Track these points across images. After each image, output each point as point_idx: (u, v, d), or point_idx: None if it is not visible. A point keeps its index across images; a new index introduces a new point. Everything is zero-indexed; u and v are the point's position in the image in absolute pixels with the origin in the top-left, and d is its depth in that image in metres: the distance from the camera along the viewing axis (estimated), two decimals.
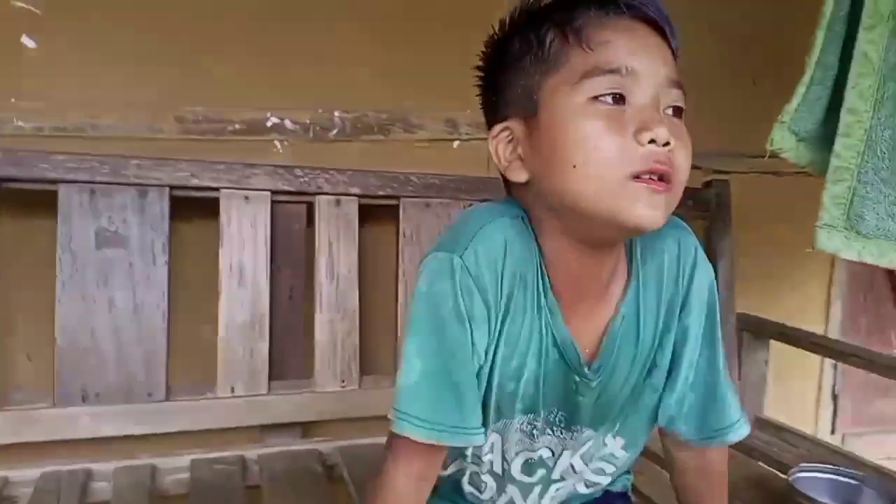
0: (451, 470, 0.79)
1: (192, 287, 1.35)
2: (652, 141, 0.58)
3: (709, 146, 1.58)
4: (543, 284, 0.67)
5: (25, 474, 1.18)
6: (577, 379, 0.70)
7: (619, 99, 0.60)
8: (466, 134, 1.60)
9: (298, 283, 1.42)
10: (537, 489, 0.77)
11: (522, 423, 0.72)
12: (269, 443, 1.35)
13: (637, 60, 0.60)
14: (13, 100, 1.30)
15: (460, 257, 0.64)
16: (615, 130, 0.59)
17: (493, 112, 0.68)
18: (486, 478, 0.77)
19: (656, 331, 0.71)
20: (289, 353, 1.39)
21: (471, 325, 0.65)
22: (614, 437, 0.76)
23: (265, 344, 1.32)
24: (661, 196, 0.60)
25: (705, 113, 1.67)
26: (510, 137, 0.66)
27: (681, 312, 0.72)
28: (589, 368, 0.70)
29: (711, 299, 0.74)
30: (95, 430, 1.20)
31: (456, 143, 1.60)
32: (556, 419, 0.72)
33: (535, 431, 0.73)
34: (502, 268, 0.65)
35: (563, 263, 0.67)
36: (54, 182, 1.19)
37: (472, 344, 0.66)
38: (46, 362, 1.22)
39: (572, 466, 0.76)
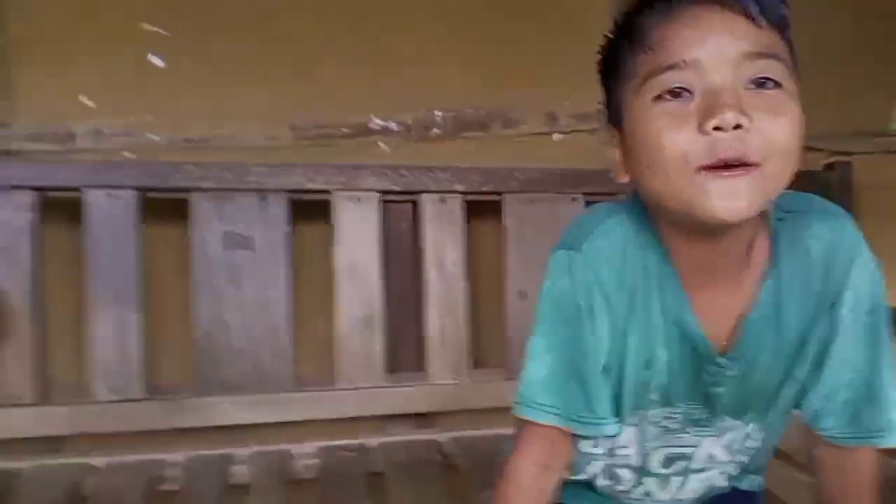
0: (583, 476, 0.80)
1: (312, 285, 1.42)
2: (718, 128, 0.57)
3: (830, 126, 1.53)
4: (668, 276, 0.68)
5: (176, 457, 1.29)
6: (711, 369, 0.70)
7: (683, 93, 0.59)
8: (567, 126, 1.60)
9: (408, 280, 1.47)
10: (676, 481, 0.78)
11: (660, 416, 0.73)
12: (388, 432, 1.42)
13: (698, 49, 0.58)
14: (147, 115, 1.42)
15: (579, 253, 0.66)
16: (678, 126, 0.58)
17: (606, 118, 0.70)
18: (623, 471, 0.78)
19: (802, 322, 0.70)
20: (402, 348, 1.45)
21: (592, 320, 0.67)
22: (756, 427, 0.75)
23: (380, 338, 1.38)
24: (740, 181, 0.57)
25: (827, 90, 1.62)
26: (615, 142, 0.68)
27: (833, 305, 0.71)
28: (724, 358, 0.70)
29: (874, 293, 0.70)
30: (233, 417, 1.30)
31: (556, 136, 1.61)
32: (695, 411, 0.73)
33: (673, 424, 0.73)
34: (622, 261, 0.67)
35: (683, 254, 0.67)
36: (186, 190, 1.29)
37: (596, 338, 0.67)
38: (189, 356, 1.32)
39: (713, 456, 0.76)
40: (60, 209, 1.30)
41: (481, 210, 1.50)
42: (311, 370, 1.40)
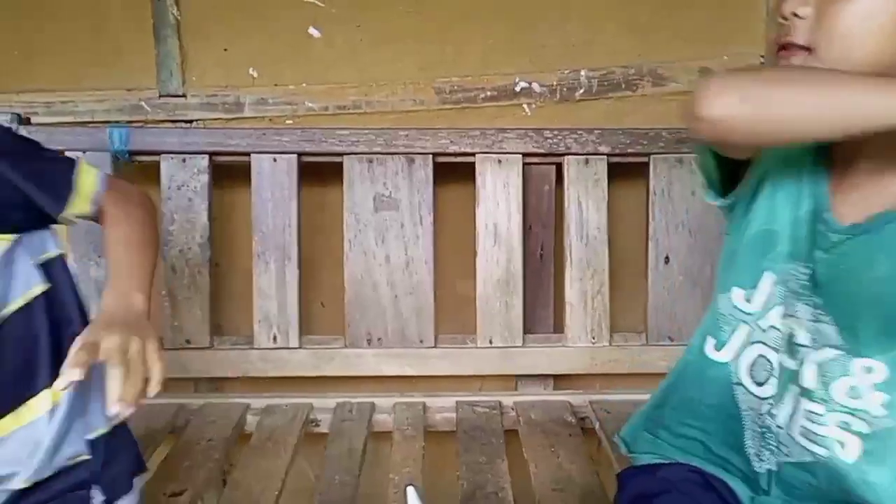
0: (728, 356, 0.79)
1: (454, 245, 1.47)
2: (784, 18, 0.67)
3: None
4: (820, 152, 0.73)
5: (325, 402, 1.40)
6: (820, 227, 0.71)
7: None
8: None
9: (549, 242, 1.47)
10: (789, 402, 0.74)
11: (783, 275, 0.74)
12: (523, 391, 1.45)
13: None
14: (304, 84, 1.51)
15: None
16: (775, 17, 0.70)
17: None
18: (768, 356, 0.76)
19: None
20: (540, 309, 1.46)
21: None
22: (884, 369, 0.66)
23: (519, 300, 1.40)
24: (795, 60, 0.67)
25: None
26: None
27: None
28: (836, 224, 0.70)
29: None
30: (378, 369, 1.39)
31: None
32: (804, 281, 0.72)
33: (791, 291, 0.73)
34: None
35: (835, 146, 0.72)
36: (340, 155, 1.37)
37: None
38: (337, 309, 1.42)
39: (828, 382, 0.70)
40: (228, 172, 1.44)
41: (626, 171, 1.46)
42: (452, 327, 1.45)
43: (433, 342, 1.39)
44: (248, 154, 1.35)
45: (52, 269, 0.84)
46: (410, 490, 0.76)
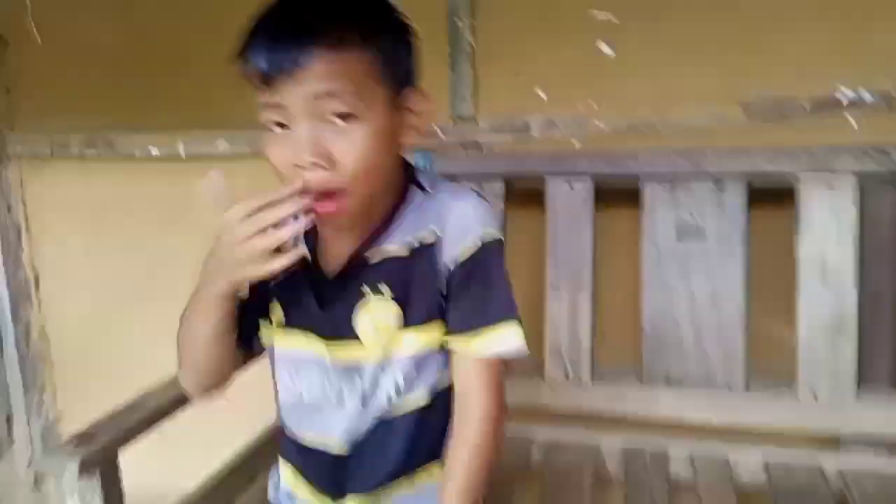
0: None
1: (764, 279, 1.30)
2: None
3: None
4: None
5: (613, 443, 1.31)
6: None
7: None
8: None
9: (888, 279, 1.24)
10: None
11: None
12: (851, 455, 1.22)
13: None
14: (594, 104, 1.45)
15: None
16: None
17: None
18: None
19: None
20: (877, 358, 1.23)
21: None
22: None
23: (851, 346, 1.19)
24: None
25: None
26: None
27: None
28: None
29: None
30: (677, 412, 1.26)
31: None
32: None
33: None
34: None
35: None
36: (639, 177, 1.27)
37: None
38: (627, 343, 1.32)
39: None
40: (518, 197, 1.41)
41: None
42: (764, 374, 1.28)
43: (743, 388, 1.24)
44: (542, 178, 1.32)
45: None
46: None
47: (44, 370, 2.02)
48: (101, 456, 0.94)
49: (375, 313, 0.81)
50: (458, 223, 0.79)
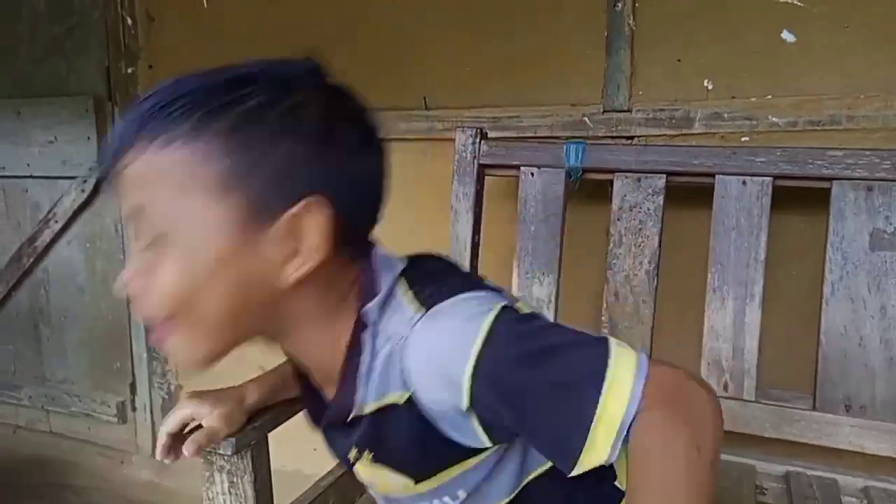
0: None
1: None
2: None
3: None
4: None
5: (771, 468, 1.20)
6: None
7: None
8: None
9: None
10: None
11: None
12: None
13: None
14: (769, 96, 1.32)
15: None
16: None
17: None
18: None
19: None
20: None
21: None
22: None
23: None
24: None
25: None
26: None
27: None
28: None
29: None
30: (857, 443, 1.12)
31: None
32: None
33: None
34: None
35: None
36: (828, 179, 1.14)
37: None
38: (804, 361, 1.20)
39: None
40: (678, 194, 1.30)
41: None
42: None
43: None
44: (712, 175, 1.20)
45: None
46: None
47: None
48: (253, 435, 0.91)
49: (371, 477, 0.70)
50: (428, 378, 0.59)
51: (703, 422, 0.54)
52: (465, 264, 1.38)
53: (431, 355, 0.59)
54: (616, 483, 0.75)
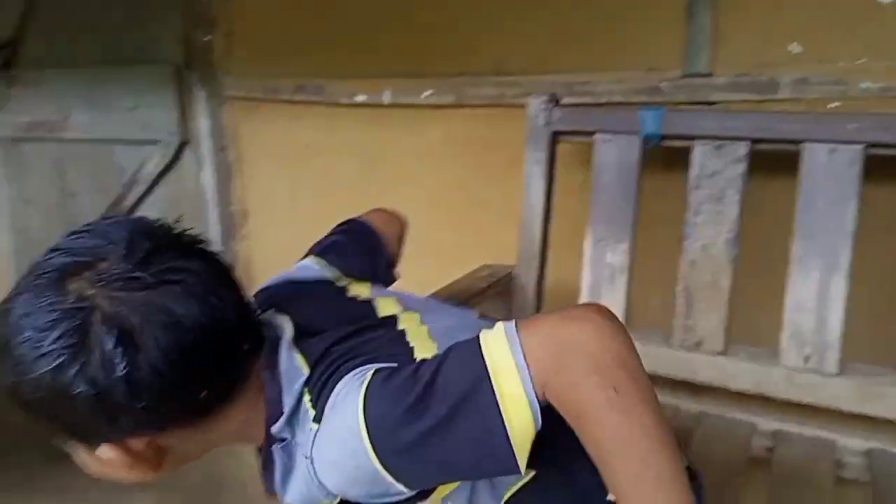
0: None
1: None
2: None
3: None
4: None
5: (854, 443, 1.18)
6: None
7: None
8: None
9: None
10: None
11: None
12: None
13: None
14: (862, 60, 1.26)
15: None
16: None
17: None
18: None
19: None
20: None
21: None
22: None
23: None
24: None
25: None
26: None
27: None
28: None
29: None
30: None
31: None
32: None
33: None
34: None
35: None
36: None
37: None
38: (890, 338, 1.16)
39: None
40: (763, 162, 1.27)
41: None
42: None
43: None
44: (798, 142, 1.17)
45: None
46: None
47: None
48: None
49: None
50: (348, 483, 0.61)
51: (600, 358, 0.54)
52: (536, 233, 1.39)
53: (336, 465, 0.61)
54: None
